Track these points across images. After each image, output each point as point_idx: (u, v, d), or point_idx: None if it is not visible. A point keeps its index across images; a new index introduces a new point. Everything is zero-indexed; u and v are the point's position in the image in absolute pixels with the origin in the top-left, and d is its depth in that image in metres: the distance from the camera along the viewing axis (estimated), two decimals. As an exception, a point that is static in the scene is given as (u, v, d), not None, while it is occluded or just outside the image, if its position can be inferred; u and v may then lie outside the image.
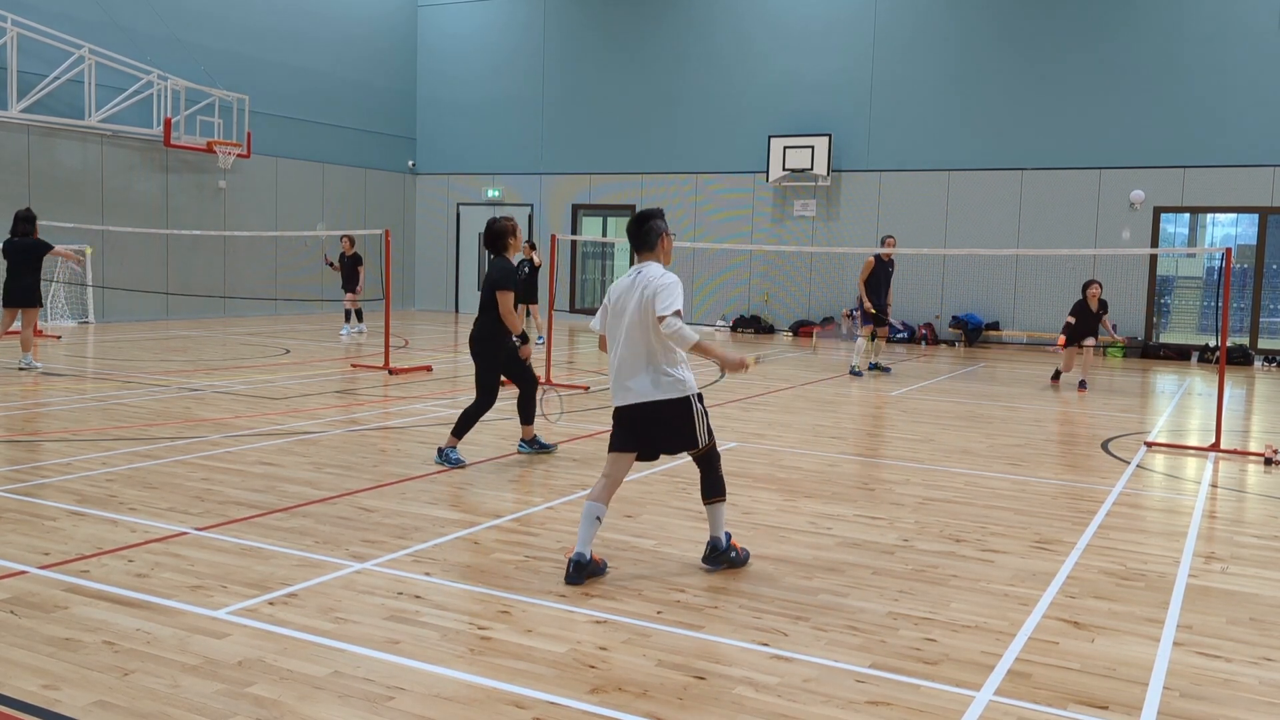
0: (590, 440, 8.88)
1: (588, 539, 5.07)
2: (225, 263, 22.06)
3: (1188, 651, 4.37)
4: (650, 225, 5.27)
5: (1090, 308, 13.90)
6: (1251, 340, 18.73)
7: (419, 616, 4.53)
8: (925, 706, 3.76)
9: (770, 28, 22.22)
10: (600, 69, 24.04)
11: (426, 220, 26.57)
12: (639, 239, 5.29)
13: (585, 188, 24.41)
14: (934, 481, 7.74)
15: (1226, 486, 7.94)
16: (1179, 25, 18.85)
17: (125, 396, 10.69)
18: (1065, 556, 5.74)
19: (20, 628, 4.27)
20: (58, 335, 16.92)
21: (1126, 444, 9.53)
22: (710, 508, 5.30)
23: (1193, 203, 18.99)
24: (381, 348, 14.49)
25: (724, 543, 5.31)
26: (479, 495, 6.84)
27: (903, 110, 21.04)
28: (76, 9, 19.07)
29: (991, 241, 19.76)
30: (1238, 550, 6.01)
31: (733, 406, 11.22)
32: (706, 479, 5.32)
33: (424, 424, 9.57)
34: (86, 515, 6.04)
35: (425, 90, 26.22)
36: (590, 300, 25.05)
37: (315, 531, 5.83)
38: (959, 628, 4.57)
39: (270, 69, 22.62)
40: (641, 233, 5.27)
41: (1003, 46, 20.24)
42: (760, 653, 4.23)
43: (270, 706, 3.61)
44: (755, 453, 8.58)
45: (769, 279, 22.51)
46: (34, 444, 8.17)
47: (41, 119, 18.42)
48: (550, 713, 3.63)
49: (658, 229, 5.28)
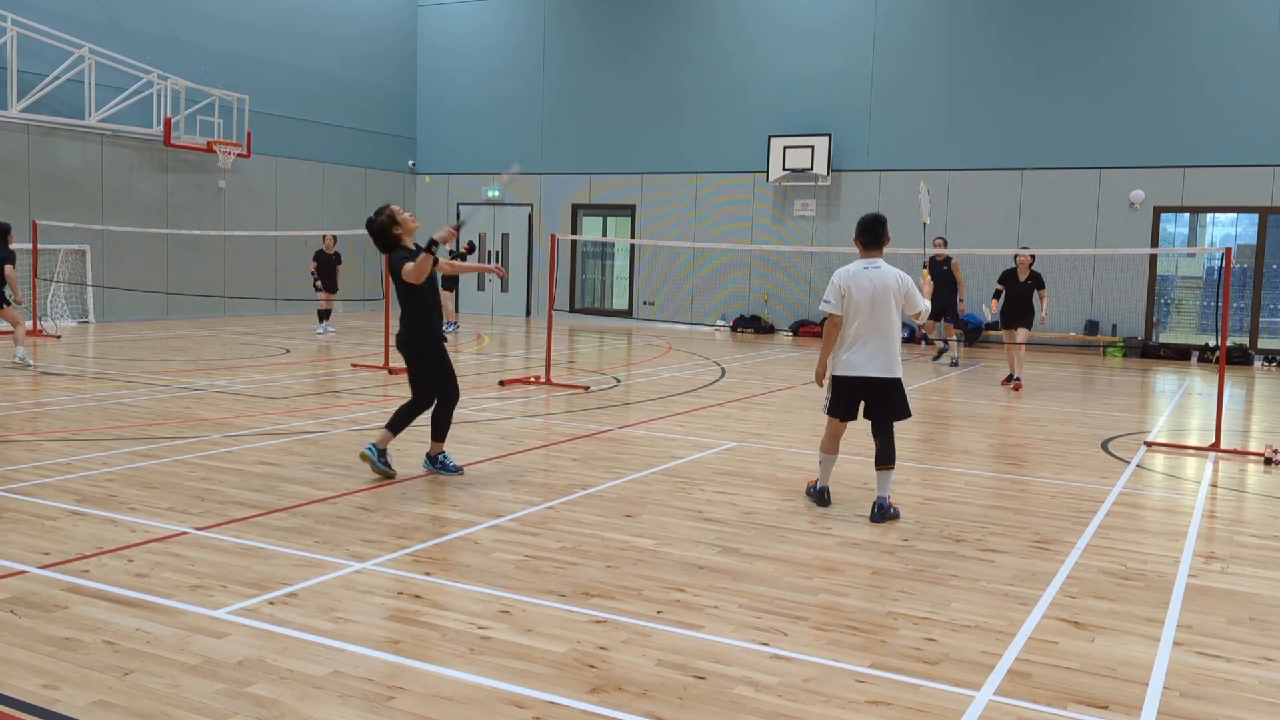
0: (590, 440, 8.88)
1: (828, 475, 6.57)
2: (225, 263, 22.07)
3: (1187, 651, 4.37)
4: (885, 230, 6.35)
5: (1019, 276, 13.37)
6: (1251, 340, 18.74)
7: (419, 616, 4.53)
8: (925, 706, 3.77)
9: (770, 28, 22.22)
10: (600, 69, 24.05)
11: (426, 220, 26.52)
12: (875, 237, 6.33)
13: (585, 188, 24.41)
14: (934, 481, 7.74)
15: (1226, 486, 7.94)
16: (1179, 25, 18.85)
17: (125, 396, 10.69)
18: (1065, 556, 5.74)
19: (20, 627, 4.27)
20: (58, 335, 16.92)
21: (1126, 444, 9.53)
22: (881, 473, 6.38)
23: (1193, 203, 18.99)
24: (381, 347, 14.49)
25: (887, 501, 6.37)
26: (479, 495, 6.84)
27: (903, 110, 21.04)
28: (76, 9, 19.07)
29: (991, 241, 19.75)
30: (1237, 550, 6.01)
31: (733, 406, 11.23)
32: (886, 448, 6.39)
33: (423, 424, 9.55)
34: (86, 515, 6.04)
35: (425, 90, 26.22)
36: (590, 300, 25.05)
37: (315, 531, 5.83)
38: (959, 628, 4.57)
39: (270, 69, 22.62)
40: (878, 233, 6.33)
41: (1003, 46, 20.24)
42: (760, 653, 4.23)
43: (270, 706, 3.61)
44: (755, 453, 8.58)
45: (769, 279, 22.52)
46: (34, 444, 8.17)
47: (41, 119, 18.43)
48: (550, 712, 3.63)
49: (887, 233, 6.36)
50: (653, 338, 20.54)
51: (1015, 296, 13.44)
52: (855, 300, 6.21)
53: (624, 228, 24.21)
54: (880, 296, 6.18)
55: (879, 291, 6.17)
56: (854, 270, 6.28)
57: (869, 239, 6.32)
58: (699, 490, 7.14)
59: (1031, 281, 13.38)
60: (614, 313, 24.45)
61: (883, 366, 6.21)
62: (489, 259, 25.34)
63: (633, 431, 9.46)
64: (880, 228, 6.33)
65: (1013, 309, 13.48)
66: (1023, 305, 13.40)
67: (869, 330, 6.19)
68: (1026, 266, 13.34)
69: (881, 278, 6.20)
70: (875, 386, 6.25)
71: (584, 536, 5.87)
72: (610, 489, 7.09)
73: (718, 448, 8.75)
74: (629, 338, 20.57)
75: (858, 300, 6.20)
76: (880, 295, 6.18)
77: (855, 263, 6.36)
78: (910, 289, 6.23)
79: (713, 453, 8.53)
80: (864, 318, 6.19)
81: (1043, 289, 13.43)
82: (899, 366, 6.27)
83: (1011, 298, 13.49)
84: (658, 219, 23.53)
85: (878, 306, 6.17)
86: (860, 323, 6.20)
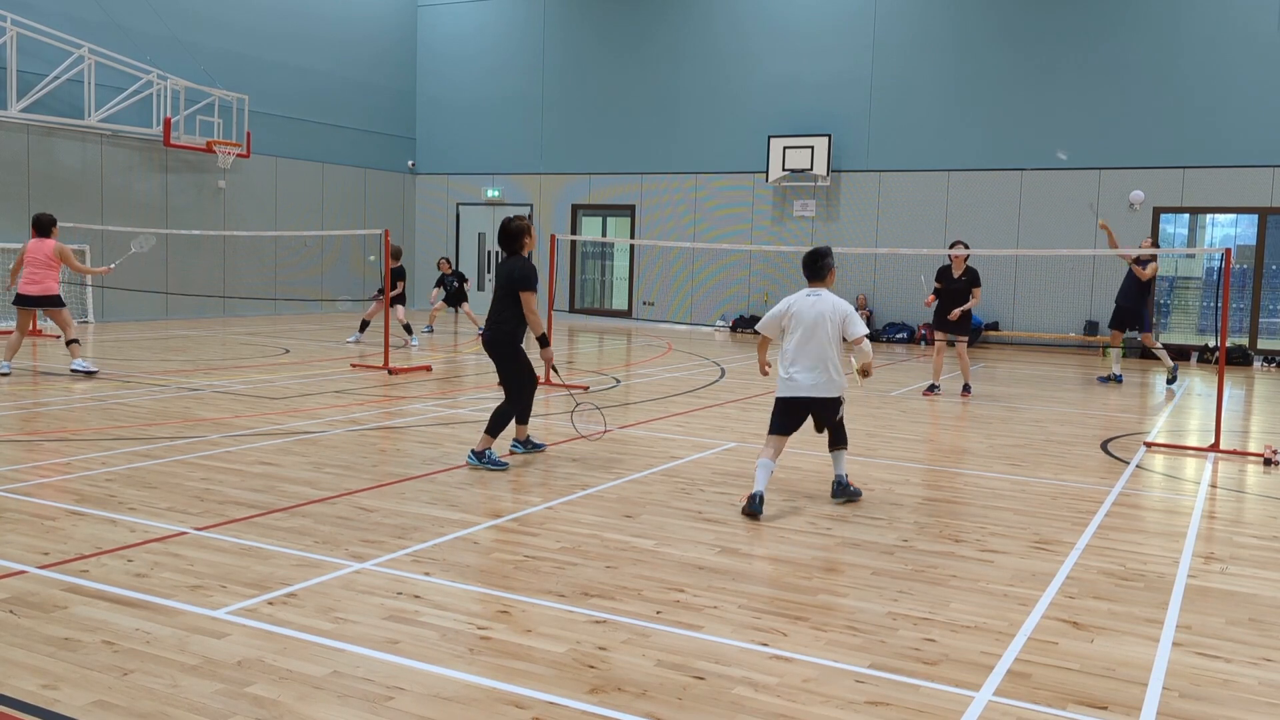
0: (590, 441, 8.87)
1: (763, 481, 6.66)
2: (225, 262, 22.06)
3: (1187, 652, 4.37)
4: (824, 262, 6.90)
5: (953, 273, 12.59)
6: (1251, 340, 18.74)
7: (418, 616, 4.53)
8: (925, 706, 3.76)
9: (770, 28, 22.22)
10: (600, 69, 24.04)
11: (426, 220, 26.58)
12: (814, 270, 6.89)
13: (585, 188, 24.41)
14: (934, 481, 7.74)
15: (1226, 487, 7.94)
16: (1179, 25, 18.85)
17: (125, 396, 10.69)
18: (1065, 557, 5.74)
19: (20, 627, 4.27)
20: (57, 335, 16.91)
21: (1126, 444, 9.53)
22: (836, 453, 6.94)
23: (1192, 203, 18.99)
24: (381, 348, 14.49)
25: (845, 479, 6.93)
26: (478, 495, 6.84)
27: (903, 110, 21.04)
28: (76, 9, 19.06)
29: (991, 241, 19.75)
30: (1237, 551, 6.01)
31: (732, 406, 11.23)
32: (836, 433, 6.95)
33: (423, 424, 9.57)
34: (86, 515, 6.04)
35: (425, 90, 26.22)
36: (590, 300, 25.06)
37: (315, 531, 5.83)
38: (958, 628, 4.57)
39: (270, 69, 22.61)
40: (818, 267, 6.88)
41: (1003, 46, 20.24)
42: (760, 653, 4.23)
43: (269, 706, 3.61)
44: (755, 453, 8.56)
45: (768, 279, 22.51)
46: (34, 444, 8.17)
47: (41, 119, 18.42)
48: (550, 713, 3.63)
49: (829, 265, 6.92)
50: (652, 338, 20.54)
51: (950, 294, 12.62)
52: (795, 323, 6.78)
53: (624, 228, 24.21)
54: (817, 322, 6.71)
55: (816, 316, 6.72)
56: (798, 296, 6.89)
57: (809, 272, 6.92)
58: (699, 490, 7.14)
59: (966, 278, 12.58)
60: (614, 313, 24.45)
61: (821, 387, 6.71)
62: (487, 260, 25.42)
63: (632, 432, 9.46)
64: (820, 260, 6.92)
65: (946, 309, 12.65)
66: (959, 303, 12.55)
67: (805, 351, 6.71)
68: (961, 262, 12.59)
69: (819, 305, 6.75)
70: (815, 405, 6.79)
71: (583, 537, 5.87)
72: (610, 489, 7.09)
73: (717, 448, 8.75)
74: (628, 338, 20.57)
75: (797, 323, 6.76)
76: (817, 321, 6.71)
77: (800, 291, 6.94)
78: (847, 316, 6.78)
79: (712, 453, 8.53)
80: (801, 339, 6.72)
81: (977, 286, 12.63)
82: (838, 386, 6.76)
83: (946, 295, 12.66)
84: (657, 219, 23.54)
85: (815, 330, 6.71)
86: (798, 344, 6.73)
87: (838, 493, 6.90)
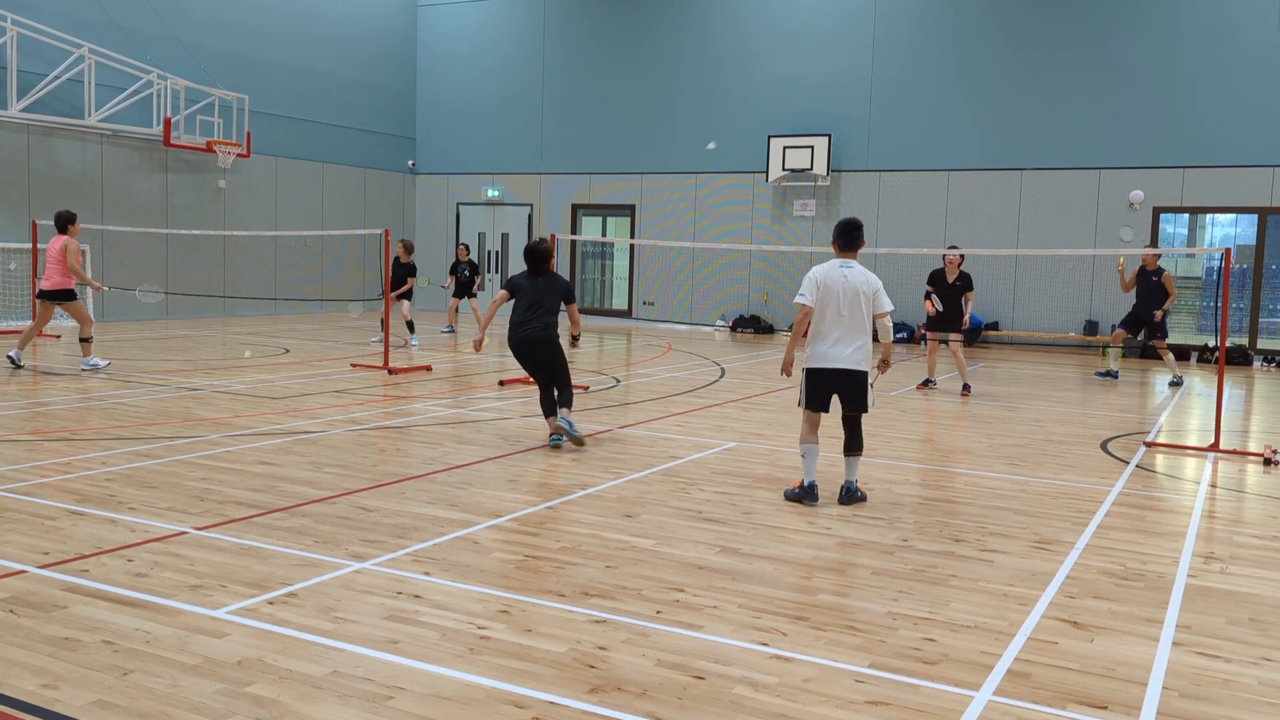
0: (590, 440, 8.87)
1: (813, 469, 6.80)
2: (225, 262, 22.06)
3: (1187, 651, 4.37)
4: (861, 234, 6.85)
5: (947, 277, 12.72)
6: (1251, 340, 18.74)
7: (418, 616, 4.53)
8: (924, 706, 3.77)
9: (770, 27, 22.22)
10: (600, 69, 24.04)
11: (426, 220, 26.57)
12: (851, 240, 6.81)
13: (585, 188, 24.41)
14: (934, 481, 7.75)
15: (1226, 487, 7.94)
16: (1179, 25, 18.85)
17: (125, 396, 10.69)
18: (1064, 557, 5.74)
19: (20, 627, 4.27)
20: (57, 335, 16.92)
21: (1126, 444, 9.53)
22: (850, 459, 6.89)
23: (1192, 203, 18.99)
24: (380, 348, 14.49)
25: (854, 485, 6.86)
26: (478, 495, 6.84)
27: (903, 110, 21.03)
28: (76, 9, 19.06)
29: (991, 241, 19.76)
30: (1237, 550, 6.02)
31: (732, 406, 11.23)
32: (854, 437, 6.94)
33: (423, 424, 9.57)
34: (86, 515, 6.04)
35: (425, 90, 26.21)
36: (590, 300, 25.06)
37: (315, 531, 5.83)
38: (958, 628, 4.57)
39: (270, 69, 22.61)
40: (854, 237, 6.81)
41: (1002, 46, 20.24)
42: (760, 653, 4.23)
43: (269, 706, 3.61)
44: (755, 453, 8.58)
45: (769, 279, 22.51)
46: (34, 444, 8.17)
47: (41, 118, 18.42)
48: (550, 712, 3.63)
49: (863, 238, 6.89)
50: (652, 338, 20.54)
51: (944, 298, 12.80)
52: (828, 296, 6.68)
53: (623, 228, 24.21)
54: (851, 295, 6.65)
55: (850, 290, 6.66)
56: (829, 267, 6.77)
57: (845, 242, 6.82)
58: (699, 490, 7.14)
59: (960, 283, 12.73)
60: (614, 313, 24.45)
61: (852, 359, 6.69)
62: (488, 260, 25.42)
63: (632, 431, 9.46)
64: (856, 232, 6.84)
65: (941, 312, 12.83)
66: (952, 307, 12.77)
67: (839, 325, 6.68)
68: (955, 266, 12.73)
69: (854, 278, 6.68)
70: (845, 378, 6.74)
71: (583, 536, 5.87)
72: (610, 489, 7.09)
73: (717, 448, 8.75)
74: (628, 338, 20.57)
75: (831, 296, 6.68)
76: (851, 294, 6.65)
77: (831, 261, 6.83)
78: (878, 291, 6.73)
79: (712, 453, 8.53)
80: (835, 312, 6.68)
81: (970, 290, 12.83)
82: (867, 360, 6.76)
83: (940, 299, 12.82)
84: (657, 219, 23.54)
85: (849, 304, 6.66)
86: (832, 317, 6.69)
87: (845, 499, 6.85)
